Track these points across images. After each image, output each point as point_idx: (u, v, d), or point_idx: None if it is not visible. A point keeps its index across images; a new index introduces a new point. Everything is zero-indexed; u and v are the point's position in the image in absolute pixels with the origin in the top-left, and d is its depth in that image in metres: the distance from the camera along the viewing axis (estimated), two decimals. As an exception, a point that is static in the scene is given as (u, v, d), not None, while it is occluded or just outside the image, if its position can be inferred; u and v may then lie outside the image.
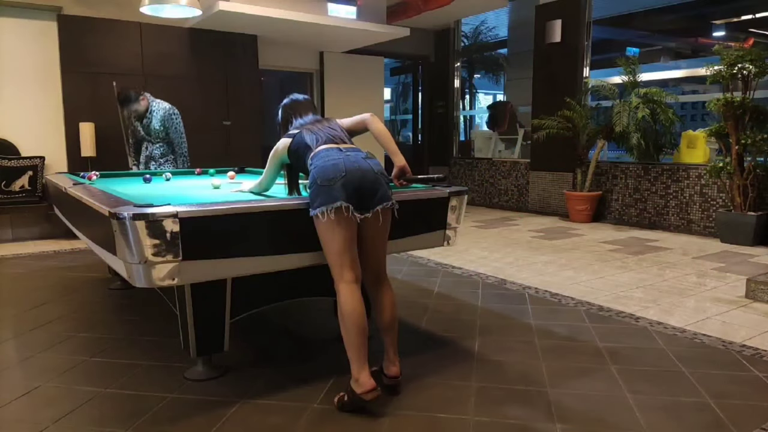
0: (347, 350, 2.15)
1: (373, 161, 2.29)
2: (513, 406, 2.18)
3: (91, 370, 2.56)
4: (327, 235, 2.17)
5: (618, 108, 6.26)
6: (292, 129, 2.53)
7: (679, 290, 3.80)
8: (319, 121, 2.52)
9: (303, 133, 2.43)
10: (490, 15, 11.07)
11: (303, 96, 2.76)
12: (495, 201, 8.45)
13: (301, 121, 2.55)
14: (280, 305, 2.65)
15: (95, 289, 3.93)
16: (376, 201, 2.21)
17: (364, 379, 2.08)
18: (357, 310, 2.14)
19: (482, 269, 4.43)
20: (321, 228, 2.18)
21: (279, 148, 2.51)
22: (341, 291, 2.17)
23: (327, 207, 2.12)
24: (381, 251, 2.32)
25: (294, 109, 2.64)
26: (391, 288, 2.36)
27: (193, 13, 4.78)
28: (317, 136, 2.38)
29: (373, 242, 2.28)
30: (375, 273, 2.32)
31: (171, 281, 2.02)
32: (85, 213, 2.63)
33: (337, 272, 2.19)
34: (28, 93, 5.97)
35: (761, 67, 5.07)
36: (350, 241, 2.18)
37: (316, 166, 2.23)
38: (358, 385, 2.09)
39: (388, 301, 2.32)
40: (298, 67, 8.16)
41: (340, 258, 2.17)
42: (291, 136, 2.48)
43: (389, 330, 2.30)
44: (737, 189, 5.28)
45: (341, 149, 2.29)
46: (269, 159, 2.55)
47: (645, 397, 2.25)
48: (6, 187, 5.77)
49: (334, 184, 2.13)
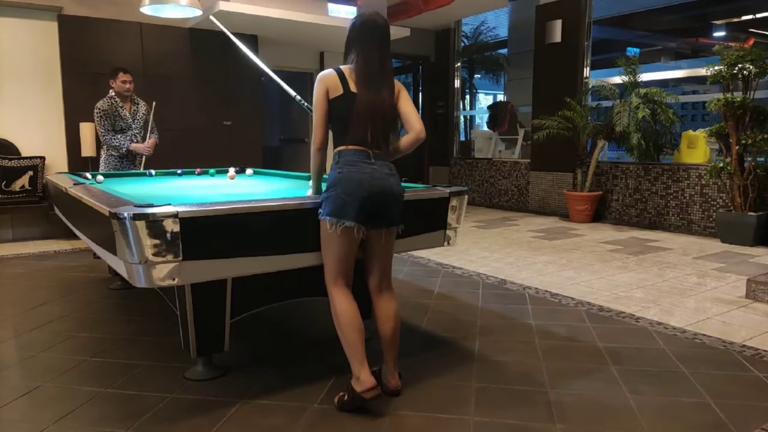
0: (345, 350, 2.15)
1: (395, 178, 2.22)
2: (513, 406, 2.18)
3: (91, 370, 2.56)
4: (329, 243, 2.19)
5: (618, 108, 6.26)
6: (347, 64, 2.24)
7: (679, 290, 3.80)
8: (373, 84, 2.18)
9: (348, 99, 2.17)
10: (490, 15, 11.08)
11: (378, 22, 2.25)
12: (495, 201, 8.44)
13: (356, 65, 2.21)
14: (280, 305, 2.65)
15: (95, 289, 3.93)
16: (387, 222, 2.20)
17: (365, 377, 2.08)
18: (349, 308, 2.17)
19: (482, 269, 4.43)
20: (325, 234, 2.19)
21: (318, 96, 2.22)
22: (333, 293, 2.21)
23: (337, 221, 2.13)
24: (386, 259, 2.30)
25: (358, 41, 2.24)
26: (394, 298, 2.32)
27: (194, 13, 4.78)
28: (358, 120, 2.16)
29: (379, 251, 2.27)
30: (379, 279, 2.29)
31: (171, 281, 2.02)
32: (86, 213, 2.63)
33: (330, 275, 2.22)
34: (29, 93, 5.98)
35: (761, 68, 5.07)
36: (350, 253, 2.21)
37: (340, 172, 2.16)
38: (359, 383, 2.08)
39: (390, 311, 2.27)
40: (298, 67, 8.16)
41: (337, 265, 2.20)
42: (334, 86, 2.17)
43: (390, 343, 2.25)
44: (737, 189, 5.28)
45: (370, 159, 2.17)
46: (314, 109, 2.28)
47: (645, 397, 2.25)
48: (6, 187, 5.77)
49: (351, 201, 2.12)
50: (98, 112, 4.82)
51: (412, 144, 2.31)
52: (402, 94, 2.31)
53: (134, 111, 4.98)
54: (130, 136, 4.93)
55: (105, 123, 4.82)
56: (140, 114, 5.03)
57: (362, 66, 2.21)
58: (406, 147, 2.33)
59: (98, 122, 4.84)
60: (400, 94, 2.30)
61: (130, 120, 4.92)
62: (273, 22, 6.37)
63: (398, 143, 2.33)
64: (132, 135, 4.94)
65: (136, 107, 5.01)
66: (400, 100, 2.29)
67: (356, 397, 2.09)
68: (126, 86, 4.84)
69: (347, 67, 2.25)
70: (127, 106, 4.93)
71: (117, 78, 4.82)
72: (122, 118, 4.87)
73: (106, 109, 4.79)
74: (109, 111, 4.80)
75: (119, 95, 4.86)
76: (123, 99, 4.88)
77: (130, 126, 4.93)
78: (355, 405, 2.11)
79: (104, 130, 4.83)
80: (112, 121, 4.83)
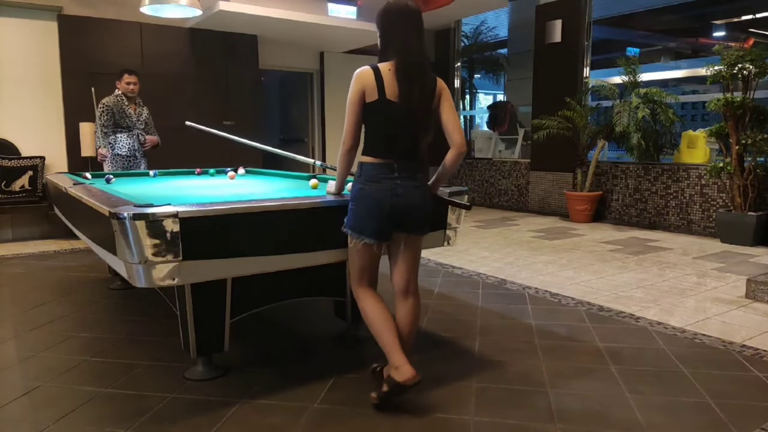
0: (381, 345, 2.15)
1: (420, 190, 2.16)
2: (513, 406, 2.17)
3: (91, 370, 2.56)
4: (352, 253, 2.23)
5: (618, 108, 6.26)
6: (385, 59, 2.09)
7: (679, 290, 3.80)
8: (415, 82, 2.05)
9: (381, 107, 2.06)
10: (490, 15, 11.08)
11: (412, 7, 2.13)
12: (495, 201, 8.44)
13: (396, 59, 2.06)
14: (280, 305, 2.65)
15: (95, 289, 3.93)
16: (409, 229, 2.19)
17: (406, 367, 2.06)
18: (377, 306, 2.19)
19: (482, 269, 4.43)
20: (349, 244, 2.23)
21: (352, 94, 2.11)
22: (358, 294, 2.25)
23: (357, 236, 2.16)
24: (410, 263, 2.26)
25: (397, 31, 2.11)
26: (417, 303, 2.28)
27: (193, 13, 4.79)
28: (388, 131, 2.07)
29: (403, 256, 2.25)
30: (403, 283, 2.26)
31: (171, 281, 2.02)
32: (86, 213, 2.63)
33: (355, 279, 2.26)
34: (29, 93, 5.98)
35: (761, 67, 5.07)
36: (372, 264, 2.24)
37: (361, 188, 2.12)
38: (399, 373, 2.06)
39: (410, 316, 2.25)
40: (298, 67, 8.16)
41: (360, 272, 2.24)
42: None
43: (403, 345, 2.22)
44: (737, 189, 5.28)
45: (394, 173, 2.09)
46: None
47: (645, 397, 2.25)
48: (6, 187, 5.77)
49: (370, 220, 2.12)
50: (102, 107, 4.92)
51: (455, 161, 2.17)
52: (444, 96, 2.16)
53: (139, 112, 5.09)
54: (135, 135, 5.03)
55: (106, 119, 4.91)
56: (144, 116, 5.13)
57: (402, 59, 2.07)
58: (450, 166, 2.19)
59: (99, 117, 4.93)
60: (442, 95, 2.15)
61: (134, 119, 5.02)
62: (273, 22, 6.37)
63: (442, 168, 2.23)
64: (137, 134, 5.05)
65: (141, 109, 5.12)
66: (442, 104, 2.15)
67: (396, 387, 2.06)
68: (130, 87, 4.95)
69: (385, 65, 2.10)
70: (132, 107, 5.02)
71: (122, 79, 4.95)
72: (127, 116, 4.97)
73: (111, 106, 4.91)
74: (114, 108, 4.92)
75: (124, 94, 4.97)
76: (128, 99, 4.99)
77: (135, 125, 5.03)
78: (396, 395, 2.08)
79: (103, 124, 4.91)
80: (116, 118, 4.93)
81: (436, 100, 2.15)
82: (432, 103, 2.14)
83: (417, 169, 2.17)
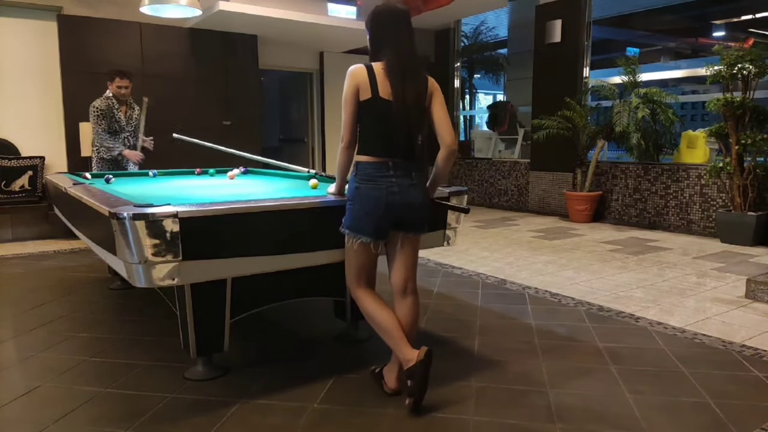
0: (387, 342, 2.16)
1: (416, 189, 2.16)
2: (513, 406, 2.18)
3: (91, 370, 2.56)
4: (349, 252, 2.23)
5: (618, 108, 6.26)
6: (377, 59, 2.12)
7: (679, 290, 3.80)
8: (407, 80, 2.08)
9: (375, 105, 2.08)
10: (490, 15, 11.07)
11: (402, 9, 2.16)
12: (495, 201, 8.44)
13: (388, 59, 2.09)
14: (280, 305, 2.65)
15: (95, 289, 3.93)
16: (407, 229, 2.19)
17: (412, 354, 2.07)
18: (376, 305, 2.19)
19: (482, 269, 4.43)
20: (346, 243, 2.22)
21: (347, 92, 2.11)
22: (358, 295, 2.24)
23: (354, 235, 2.16)
24: (408, 263, 2.26)
25: (388, 31, 2.14)
26: (416, 302, 2.27)
27: (193, 13, 4.79)
28: (382, 129, 2.09)
29: (401, 255, 2.25)
30: (401, 282, 2.26)
31: (171, 281, 2.02)
32: (85, 213, 2.63)
33: (353, 279, 2.25)
34: (28, 93, 5.98)
35: (761, 67, 5.07)
36: (370, 263, 2.23)
37: (357, 187, 2.13)
38: (409, 361, 2.07)
39: (409, 315, 2.24)
40: (298, 67, 8.16)
41: (358, 272, 2.23)
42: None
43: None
44: (737, 189, 5.28)
45: (389, 171, 2.11)
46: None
47: (645, 397, 2.25)
48: (6, 187, 5.77)
49: (367, 219, 2.12)
50: (95, 110, 4.82)
51: (447, 160, 2.19)
52: (435, 95, 2.18)
53: (129, 114, 5.01)
54: (123, 139, 4.95)
55: (102, 122, 4.82)
56: (134, 117, 5.05)
57: (395, 59, 2.09)
58: (443, 165, 2.21)
59: (94, 121, 4.85)
60: (433, 95, 2.18)
61: (123, 122, 4.94)
62: (273, 22, 6.37)
63: (436, 168, 2.24)
64: (125, 137, 4.97)
65: (131, 111, 5.03)
66: (433, 103, 2.18)
67: (416, 371, 2.04)
68: (122, 92, 4.85)
69: (378, 64, 2.13)
70: (123, 109, 4.94)
71: (113, 82, 4.83)
72: (116, 120, 4.88)
73: (103, 109, 4.80)
74: (106, 111, 4.81)
75: (115, 97, 4.87)
76: (119, 101, 4.89)
77: (123, 128, 4.95)
78: (423, 380, 2.05)
79: (101, 129, 4.84)
80: (108, 121, 4.84)
81: (428, 99, 2.17)
82: (425, 101, 2.16)
83: (413, 167, 2.18)
